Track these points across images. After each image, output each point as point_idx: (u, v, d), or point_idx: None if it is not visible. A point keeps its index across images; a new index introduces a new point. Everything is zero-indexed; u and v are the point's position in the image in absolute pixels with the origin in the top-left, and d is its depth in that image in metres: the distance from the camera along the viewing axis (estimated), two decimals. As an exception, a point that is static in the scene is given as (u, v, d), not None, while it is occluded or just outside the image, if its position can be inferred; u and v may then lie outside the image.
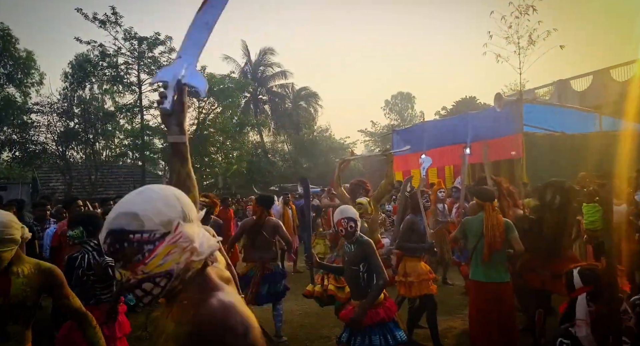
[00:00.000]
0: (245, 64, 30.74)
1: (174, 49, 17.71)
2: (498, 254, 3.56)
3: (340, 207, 3.22)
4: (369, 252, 2.99)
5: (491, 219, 3.57)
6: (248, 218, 5.34)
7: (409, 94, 40.28)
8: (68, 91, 17.14)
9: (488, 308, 3.52)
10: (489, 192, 3.85)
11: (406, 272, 4.42)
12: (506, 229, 3.58)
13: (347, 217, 3.03)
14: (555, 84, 22.17)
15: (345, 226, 3.01)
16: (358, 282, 3.01)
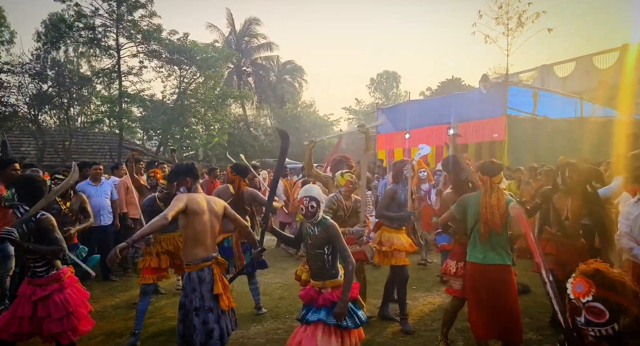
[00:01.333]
0: (230, 34, 29.81)
1: (155, 13, 16.98)
2: (498, 235, 3.29)
3: (305, 186, 3.11)
4: (333, 235, 2.88)
5: (489, 197, 3.28)
6: (221, 187, 5.14)
7: (395, 73, 39.98)
8: (41, 52, 16.30)
9: (488, 292, 3.24)
10: (489, 165, 3.44)
11: (381, 241, 4.42)
12: (507, 204, 3.24)
13: (309, 196, 2.90)
14: (539, 69, 22.35)
15: (307, 205, 2.89)
16: (323, 265, 2.93)
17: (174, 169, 3.52)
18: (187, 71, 18.87)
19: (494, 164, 3.45)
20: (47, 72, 16.23)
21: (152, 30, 16.93)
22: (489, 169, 3.39)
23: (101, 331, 4.24)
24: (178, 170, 3.38)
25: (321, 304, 2.85)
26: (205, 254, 3.09)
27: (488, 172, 3.37)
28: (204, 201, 3.19)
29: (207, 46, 18.93)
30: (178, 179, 3.32)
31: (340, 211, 4.00)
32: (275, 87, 29.97)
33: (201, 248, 3.08)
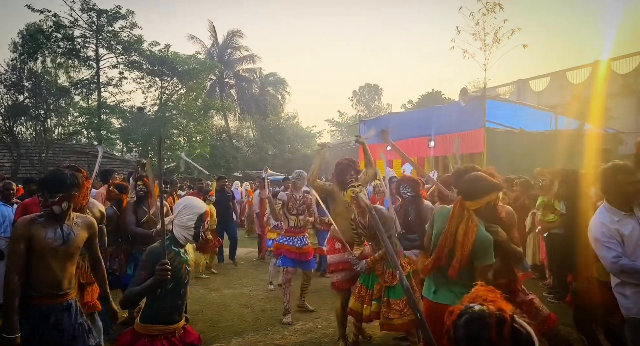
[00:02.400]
0: (212, 46, 29.81)
1: (136, 24, 16.93)
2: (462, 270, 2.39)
3: (191, 197, 2.47)
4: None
5: (453, 226, 2.34)
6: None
7: (377, 86, 40.61)
8: (17, 62, 16.01)
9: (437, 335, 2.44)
10: (469, 182, 2.39)
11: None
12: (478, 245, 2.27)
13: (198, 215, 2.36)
14: (516, 83, 23.02)
15: (206, 227, 2.43)
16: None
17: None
18: (168, 82, 18.78)
19: (478, 181, 2.36)
20: (23, 83, 15.93)
21: (133, 41, 16.85)
22: (468, 187, 2.37)
23: None
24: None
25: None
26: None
27: (465, 191, 2.38)
28: None
29: (189, 58, 18.92)
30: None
31: (358, 229, 3.72)
32: (257, 99, 30.00)
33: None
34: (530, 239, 6.11)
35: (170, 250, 2.22)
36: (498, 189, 2.36)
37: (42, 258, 2.34)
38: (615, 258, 2.49)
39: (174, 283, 2.22)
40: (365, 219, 3.64)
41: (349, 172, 4.06)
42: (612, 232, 2.54)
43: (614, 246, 2.52)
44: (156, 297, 2.20)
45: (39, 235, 2.33)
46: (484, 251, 2.28)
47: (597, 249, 2.60)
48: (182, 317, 2.34)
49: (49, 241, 2.36)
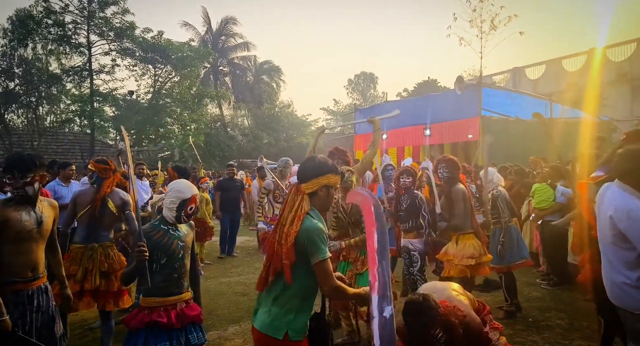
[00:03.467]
0: (206, 33, 29.42)
1: (128, 10, 16.62)
2: (276, 283, 1.95)
3: (184, 181, 2.54)
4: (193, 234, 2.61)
5: (288, 210, 1.99)
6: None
7: (372, 75, 40.31)
8: (7, 49, 15.71)
9: None
10: (303, 164, 2.14)
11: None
12: (302, 236, 1.88)
13: (196, 193, 2.51)
14: (511, 71, 22.98)
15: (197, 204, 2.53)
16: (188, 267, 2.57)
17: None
18: (162, 69, 18.54)
19: (311, 161, 2.10)
20: (14, 69, 15.67)
21: (125, 27, 16.56)
22: (301, 168, 2.11)
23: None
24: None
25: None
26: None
27: (298, 173, 2.10)
28: None
29: (182, 45, 18.65)
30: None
31: (338, 213, 3.61)
32: (252, 87, 29.76)
33: None
34: (526, 226, 6.16)
35: (159, 229, 2.40)
36: (334, 171, 2.06)
37: (18, 241, 2.31)
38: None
39: (166, 258, 2.36)
40: (348, 204, 3.51)
41: (334, 161, 4.02)
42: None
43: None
44: (153, 272, 2.33)
45: (15, 218, 2.30)
46: (311, 243, 1.87)
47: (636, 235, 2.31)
48: (184, 291, 2.45)
49: (26, 224, 2.33)
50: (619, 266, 2.46)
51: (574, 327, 4.04)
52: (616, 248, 2.47)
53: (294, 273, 1.89)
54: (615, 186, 2.49)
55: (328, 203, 2.10)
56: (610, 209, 2.44)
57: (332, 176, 2.06)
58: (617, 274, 2.46)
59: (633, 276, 2.39)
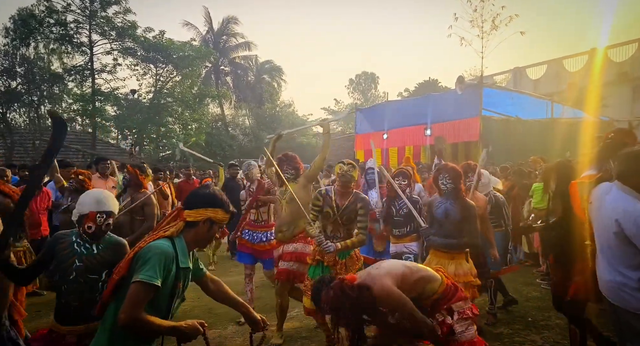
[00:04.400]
0: (207, 32, 29.43)
1: (130, 9, 16.66)
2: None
3: (95, 194, 2.33)
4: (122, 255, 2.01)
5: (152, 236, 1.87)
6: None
7: (373, 74, 40.34)
8: (9, 48, 15.76)
9: None
10: (196, 191, 2.01)
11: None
12: (140, 256, 1.72)
13: (104, 211, 2.23)
14: (512, 71, 22.97)
15: (100, 223, 2.21)
16: (93, 296, 2.15)
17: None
18: (163, 69, 18.58)
19: (204, 188, 2.00)
20: (16, 69, 15.72)
21: (127, 27, 16.61)
22: (192, 194, 1.96)
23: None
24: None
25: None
26: None
27: (188, 198, 1.95)
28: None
29: (183, 44, 18.69)
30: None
31: (326, 207, 3.36)
32: (253, 87, 29.77)
33: None
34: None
35: (68, 238, 2.23)
36: (224, 208, 1.88)
37: None
38: None
39: (58, 275, 2.15)
40: (344, 201, 3.33)
41: (281, 167, 3.87)
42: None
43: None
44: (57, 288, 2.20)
45: None
46: (144, 261, 1.68)
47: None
48: (81, 323, 2.16)
49: None
50: (619, 267, 2.45)
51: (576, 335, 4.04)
52: (618, 250, 2.47)
53: (120, 292, 1.70)
54: (617, 188, 2.47)
55: (206, 239, 1.90)
56: (618, 212, 2.41)
57: (221, 212, 1.87)
58: (617, 275, 2.47)
59: (634, 277, 2.40)
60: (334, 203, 3.36)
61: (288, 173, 3.91)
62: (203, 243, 1.95)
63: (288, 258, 3.78)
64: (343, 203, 3.33)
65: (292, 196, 3.54)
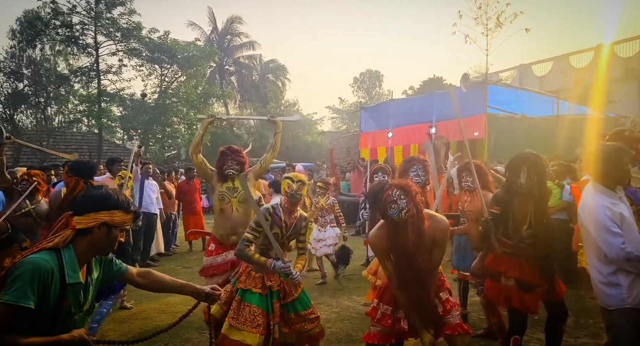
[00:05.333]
0: (212, 32, 29.52)
1: (134, 11, 16.74)
2: None
3: None
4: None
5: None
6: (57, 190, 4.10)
7: (377, 72, 40.23)
8: (16, 50, 15.91)
9: None
10: (86, 192, 1.87)
11: (377, 272, 3.59)
12: (11, 272, 1.57)
13: None
14: (518, 68, 22.82)
15: None
16: None
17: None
18: (168, 69, 18.67)
19: (97, 189, 1.79)
20: (22, 70, 15.88)
21: (132, 28, 16.69)
22: (85, 198, 1.77)
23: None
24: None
25: None
26: None
27: (77, 202, 1.78)
28: None
29: (188, 45, 18.76)
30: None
31: (275, 228, 2.99)
32: (258, 86, 29.82)
33: None
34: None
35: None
36: (122, 208, 1.70)
37: None
38: (623, 244, 2.34)
39: None
40: (292, 220, 3.04)
41: (226, 162, 3.57)
42: (616, 215, 2.39)
43: (620, 231, 2.36)
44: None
45: None
46: (13, 278, 1.51)
47: (599, 235, 2.42)
48: None
49: None
50: (594, 262, 2.54)
51: (579, 325, 4.03)
52: (589, 246, 2.58)
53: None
54: (589, 185, 2.61)
55: (107, 245, 1.71)
56: (580, 207, 2.61)
57: (119, 213, 1.69)
58: (594, 272, 2.56)
59: (604, 272, 2.48)
60: (283, 222, 3.03)
61: (233, 169, 3.57)
62: (104, 250, 1.74)
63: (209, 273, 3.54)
64: (291, 222, 3.05)
65: (246, 194, 3.20)
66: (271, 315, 2.88)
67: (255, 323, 2.79)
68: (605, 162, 2.49)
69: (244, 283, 2.97)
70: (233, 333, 2.79)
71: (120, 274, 1.90)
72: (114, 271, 1.88)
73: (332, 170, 9.73)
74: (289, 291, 2.97)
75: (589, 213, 2.51)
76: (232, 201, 3.59)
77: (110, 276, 1.87)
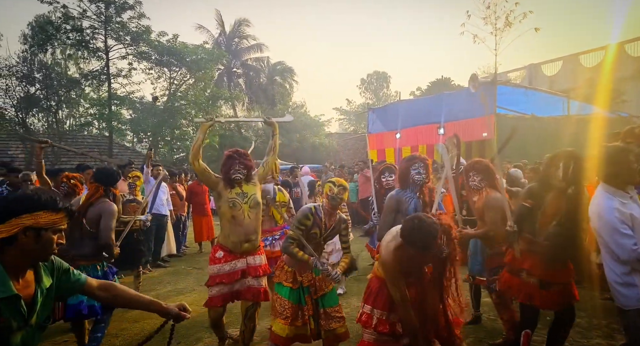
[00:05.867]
0: (220, 35, 29.71)
1: (144, 14, 16.90)
2: None
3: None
4: None
5: None
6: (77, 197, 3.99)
7: (385, 74, 40.14)
8: (28, 54, 16.12)
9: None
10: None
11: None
12: None
13: None
14: (527, 68, 22.65)
15: None
16: None
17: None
18: (177, 72, 18.81)
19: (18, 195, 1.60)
20: (34, 74, 16.07)
21: (141, 31, 16.85)
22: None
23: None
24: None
25: None
26: None
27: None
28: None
29: (196, 48, 18.88)
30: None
31: (315, 228, 3.10)
32: (265, 88, 29.93)
33: None
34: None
35: None
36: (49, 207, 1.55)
37: None
38: (635, 245, 2.33)
39: None
40: (332, 222, 3.14)
41: (232, 166, 3.41)
42: (626, 216, 2.38)
43: (631, 232, 2.35)
44: None
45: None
46: None
47: (610, 237, 2.41)
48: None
49: None
50: (609, 262, 2.53)
51: (593, 326, 4.00)
52: (603, 247, 2.55)
53: None
54: (599, 186, 2.59)
55: (40, 250, 1.55)
56: (590, 209, 2.58)
57: (45, 214, 1.54)
58: (609, 272, 2.53)
59: (619, 272, 2.47)
60: (323, 223, 3.13)
61: (240, 173, 3.42)
62: (40, 256, 1.58)
63: (255, 273, 3.41)
64: (331, 224, 3.15)
65: (256, 199, 3.40)
66: (305, 307, 3.05)
67: (285, 314, 3.00)
68: (612, 164, 2.49)
69: (278, 276, 3.16)
70: (272, 322, 3.13)
71: (79, 285, 1.77)
72: (72, 281, 1.74)
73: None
74: (320, 286, 3.11)
75: (598, 215, 2.50)
76: (244, 207, 3.41)
77: (67, 287, 1.73)
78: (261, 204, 3.50)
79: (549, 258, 2.82)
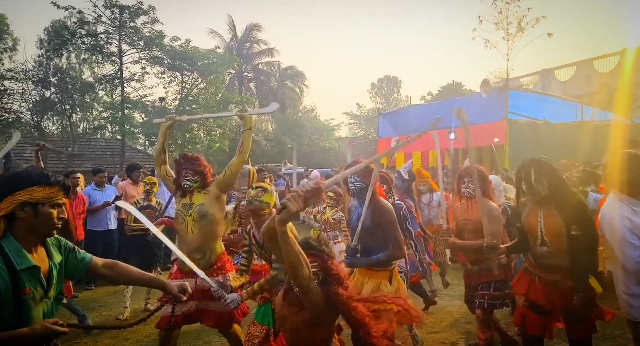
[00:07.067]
0: (231, 40, 30.02)
1: (157, 19, 17.15)
2: None
3: None
4: None
5: None
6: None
7: (395, 78, 40.15)
8: (43, 59, 16.44)
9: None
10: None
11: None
12: None
13: None
14: (540, 73, 22.43)
15: None
16: None
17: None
18: (188, 76, 19.02)
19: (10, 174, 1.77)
20: (49, 78, 16.38)
21: (154, 36, 17.09)
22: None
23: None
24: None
25: None
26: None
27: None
28: None
29: (208, 52, 19.08)
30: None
31: (253, 246, 2.95)
32: (276, 93, 30.11)
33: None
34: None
35: None
36: (40, 182, 1.63)
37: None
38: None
39: None
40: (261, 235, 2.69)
41: (180, 173, 3.08)
42: (636, 226, 2.32)
43: (638, 243, 2.29)
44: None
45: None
46: None
47: (617, 246, 2.37)
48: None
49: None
50: (619, 273, 2.48)
51: (606, 336, 3.91)
52: (613, 256, 2.51)
53: None
54: (611, 194, 2.53)
55: (40, 225, 1.63)
56: (601, 217, 2.52)
57: (39, 188, 1.61)
58: (618, 283, 2.50)
59: (628, 283, 2.42)
60: (254, 239, 2.90)
61: (189, 180, 3.05)
62: (43, 231, 1.65)
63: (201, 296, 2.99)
64: (261, 237, 2.73)
65: (202, 211, 2.94)
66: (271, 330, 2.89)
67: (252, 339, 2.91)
68: (627, 171, 2.42)
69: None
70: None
71: (85, 264, 1.86)
72: (78, 260, 1.84)
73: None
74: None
75: (608, 223, 2.45)
76: (187, 220, 3.00)
77: (74, 265, 1.83)
78: (215, 216, 3.01)
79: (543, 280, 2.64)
